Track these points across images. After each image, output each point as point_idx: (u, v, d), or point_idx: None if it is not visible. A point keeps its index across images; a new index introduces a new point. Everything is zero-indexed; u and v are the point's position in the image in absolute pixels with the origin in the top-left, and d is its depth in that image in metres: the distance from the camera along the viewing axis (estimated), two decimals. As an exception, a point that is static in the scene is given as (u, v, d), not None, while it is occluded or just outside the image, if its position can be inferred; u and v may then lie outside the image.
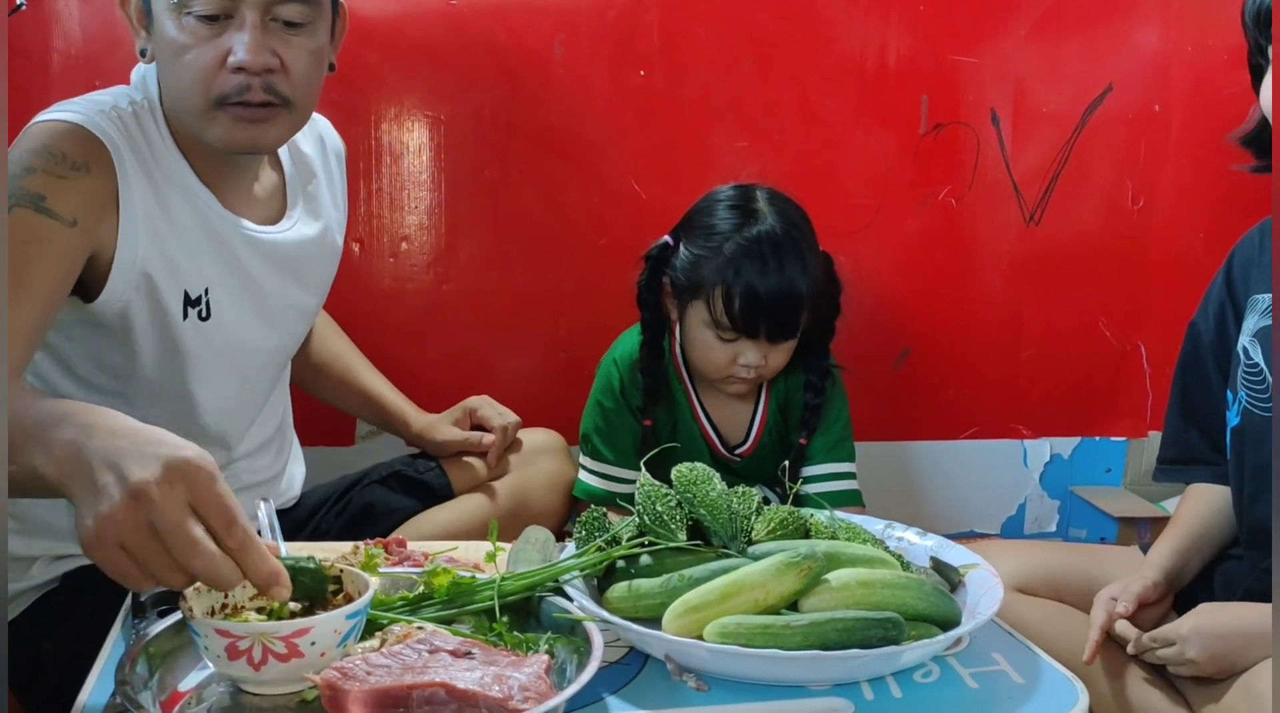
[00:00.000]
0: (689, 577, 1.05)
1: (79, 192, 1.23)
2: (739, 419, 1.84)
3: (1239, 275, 1.54)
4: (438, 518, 1.69)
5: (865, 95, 2.07)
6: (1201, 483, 1.59)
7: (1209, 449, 1.58)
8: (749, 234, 1.67)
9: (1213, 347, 1.56)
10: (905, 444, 2.21)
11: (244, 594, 1.00)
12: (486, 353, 2.07)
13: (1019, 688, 1.02)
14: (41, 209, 1.19)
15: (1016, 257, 2.16)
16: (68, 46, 1.83)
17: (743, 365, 1.70)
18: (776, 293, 1.65)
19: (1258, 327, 1.47)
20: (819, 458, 1.82)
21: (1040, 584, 1.56)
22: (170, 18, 1.27)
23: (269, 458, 1.60)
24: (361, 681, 0.86)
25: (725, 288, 1.66)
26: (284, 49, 1.29)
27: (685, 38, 2.01)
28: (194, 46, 1.27)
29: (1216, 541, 1.55)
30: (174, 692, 0.96)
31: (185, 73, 1.28)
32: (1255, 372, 1.46)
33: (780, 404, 1.83)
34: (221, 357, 1.42)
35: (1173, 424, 1.64)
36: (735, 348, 1.70)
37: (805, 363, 1.80)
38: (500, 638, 1.00)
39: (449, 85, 1.96)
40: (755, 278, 1.65)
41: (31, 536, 1.41)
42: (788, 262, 1.66)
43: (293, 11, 1.29)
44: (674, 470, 1.16)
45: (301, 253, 1.51)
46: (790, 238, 1.67)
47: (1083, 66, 2.11)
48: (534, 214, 2.02)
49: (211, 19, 1.26)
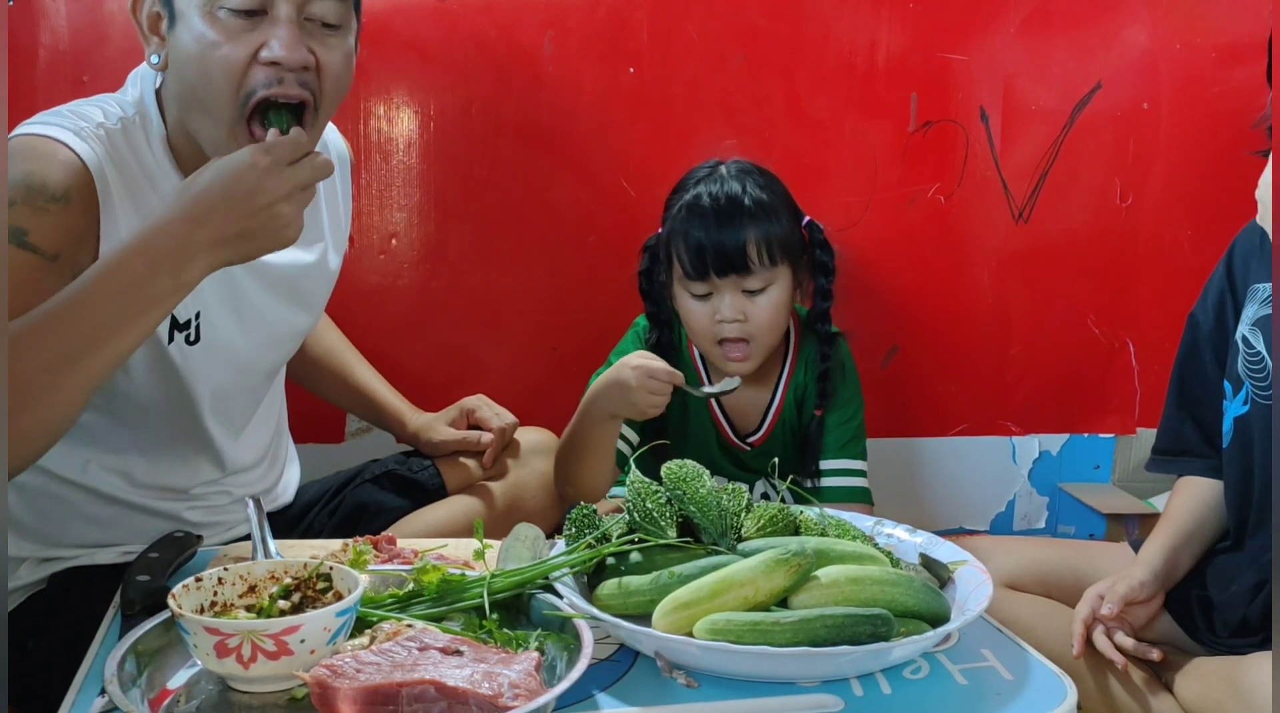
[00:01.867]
0: (679, 574, 1.05)
1: (59, 225, 1.21)
2: (755, 408, 1.84)
3: (1239, 265, 1.55)
4: (430, 517, 1.67)
5: (854, 92, 2.07)
6: (1193, 475, 1.59)
7: (1202, 441, 1.59)
8: (697, 190, 1.71)
9: (1210, 338, 1.57)
10: (894, 441, 2.21)
11: (233, 592, 1.00)
12: (476, 350, 2.07)
13: (1008, 684, 1.02)
14: (24, 245, 1.18)
15: (1005, 254, 2.17)
16: (55, 43, 1.82)
17: (720, 321, 1.70)
18: (720, 216, 1.67)
19: (1258, 315, 1.48)
20: (833, 453, 1.81)
21: (1029, 581, 1.57)
22: (200, 14, 1.23)
23: (262, 471, 1.59)
24: (351, 678, 0.86)
25: (682, 234, 1.69)
26: (319, 48, 1.27)
27: (674, 35, 2.00)
28: (225, 42, 1.23)
29: (1208, 537, 1.56)
30: (162, 690, 0.96)
31: (214, 68, 1.24)
32: (1258, 360, 1.46)
33: (797, 397, 1.83)
34: (211, 378, 1.41)
35: (1169, 415, 1.64)
36: (711, 305, 1.71)
37: (813, 331, 1.81)
38: (490, 635, 1.00)
39: (438, 82, 1.96)
40: (701, 212, 1.69)
41: (19, 537, 1.40)
42: (734, 194, 1.69)
43: (327, 10, 1.27)
44: (664, 468, 1.16)
45: (299, 275, 1.50)
46: (742, 183, 1.71)
47: (1071, 64, 2.11)
48: (523, 211, 2.02)
49: (247, 13, 1.23)
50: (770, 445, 1.84)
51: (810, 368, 1.82)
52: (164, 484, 1.45)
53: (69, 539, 1.42)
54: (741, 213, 1.68)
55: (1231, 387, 1.50)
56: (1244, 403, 1.48)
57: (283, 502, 1.66)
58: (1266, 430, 1.45)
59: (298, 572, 1.02)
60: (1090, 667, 1.46)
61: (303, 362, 1.76)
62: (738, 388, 1.69)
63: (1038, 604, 1.54)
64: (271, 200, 1.15)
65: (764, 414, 1.83)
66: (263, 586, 1.01)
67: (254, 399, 1.54)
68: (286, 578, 1.01)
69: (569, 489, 1.74)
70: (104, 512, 1.42)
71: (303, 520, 1.68)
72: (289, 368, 1.69)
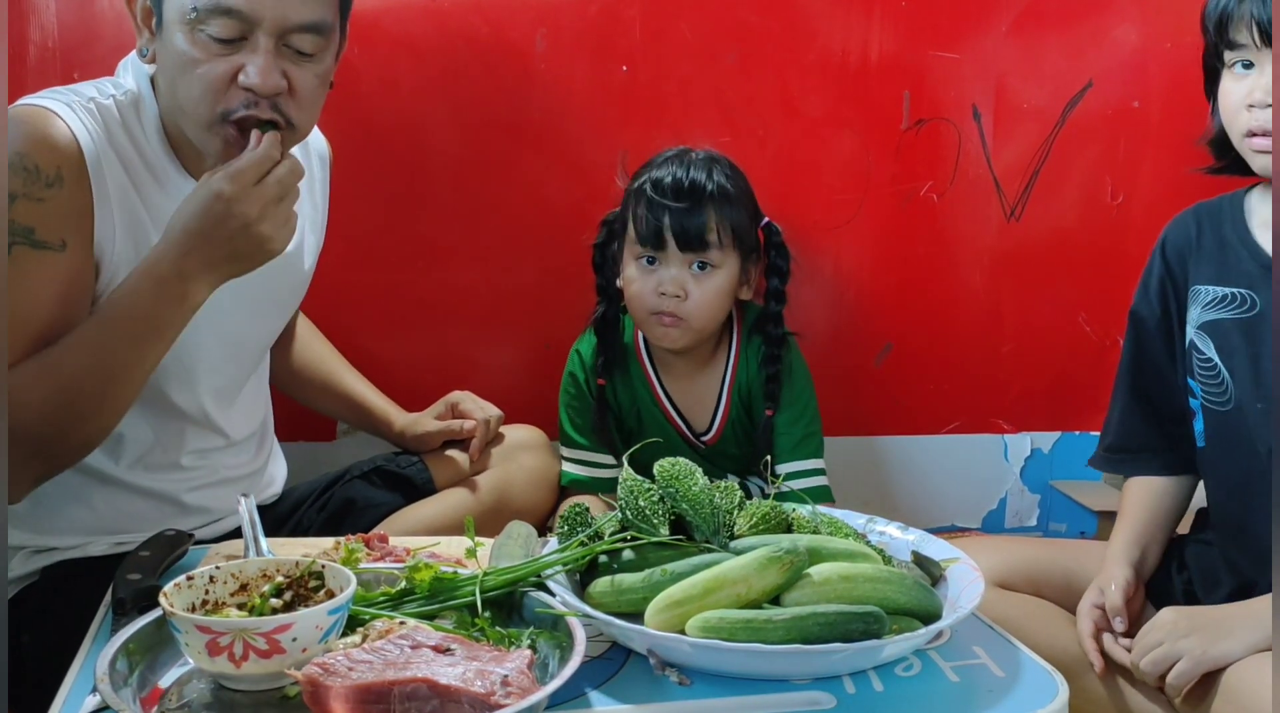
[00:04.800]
0: (671, 571, 1.05)
1: (58, 211, 1.27)
2: (704, 406, 1.86)
3: (1175, 258, 1.55)
4: (420, 513, 1.68)
5: (847, 91, 2.07)
6: (1148, 475, 1.60)
7: (1159, 437, 1.59)
8: (664, 167, 1.75)
9: (1159, 330, 1.57)
10: (887, 439, 2.21)
11: (224, 590, 1.00)
12: (467, 348, 2.06)
13: (1000, 681, 1.02)
14: (35, 243, 1.25)
15: (997, 252, 2.17)
16: (44, 38, 1.81)
17: (661, 294, 1.73)
18: (683, 189, 1.71)
19: (1202, 319, 1.48)
20: (786, 456, 1.82)
21: (1020, 579, 1.57)
22: (183, 31, 1.28)
23: (249, 454, 1.61)
24: (343, 676, 0.86)
25: (644, 200, 1.73)
26: (294, 72, 1.31)
27: (667, 32, 2.00)
28: (204, 62, 1.28)
29: (1169, 526, 1.58)
30: (154, 688, 0.96)
31: (194, 85, 1.29)
32: (1209, 367, 1.47)
33: (743, 394, 1.84)
34: (201, 344, 1.43)
35: (1120, 415, 1.64)
36: (656, 275, 1.74)
37: (762, 332, 1.82)
38: (483, 633, 1.00)
39: (430, 79, 1.95)
40: (665, 185, 1.72)
41: (13, 525, 1.41)
42: (695, 169, 1.74)
43: (305, 42, 1.31)
44: (656, 465, 1.16)
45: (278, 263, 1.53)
46: (709, 167, 1.75)
47: (1063, 63, 2.12)
48: (515, 209, 2.02)
49: (225, 40, 1.28)
50: (724, 445, 1.86)
51: (754, 367, 1.83)
52: (154, 460, 1.46)
53: (61, 525, 1.43)
54: (703, 191, 1.72)
55: (1198, 387, 1.50)
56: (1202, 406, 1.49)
57: (271, 493, 1.67)
58: (1218, 439, 1.46)
59: (290, 570, 1.02)
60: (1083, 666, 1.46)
61: (290, 371, 1.78)
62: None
63: (1028, 604, 1.54)
64: (245, 223, 1.24)
65: (713, 412, 1.84)
66: (254, 584, 1.01)
67: (243, 372, 1.56)
68: (278, 576, 1.01)
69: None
70: (96, 493, 1.44)
71: (292, 517, 1.69)
72: (277, 378, 1.71)
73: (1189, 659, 1.30)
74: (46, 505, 1.42)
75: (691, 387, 1.85)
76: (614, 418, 1.88)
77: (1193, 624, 1.33)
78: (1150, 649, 1.34)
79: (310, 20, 1.30)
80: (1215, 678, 1.30)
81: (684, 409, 1.86)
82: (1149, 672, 1.34)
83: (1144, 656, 1.35)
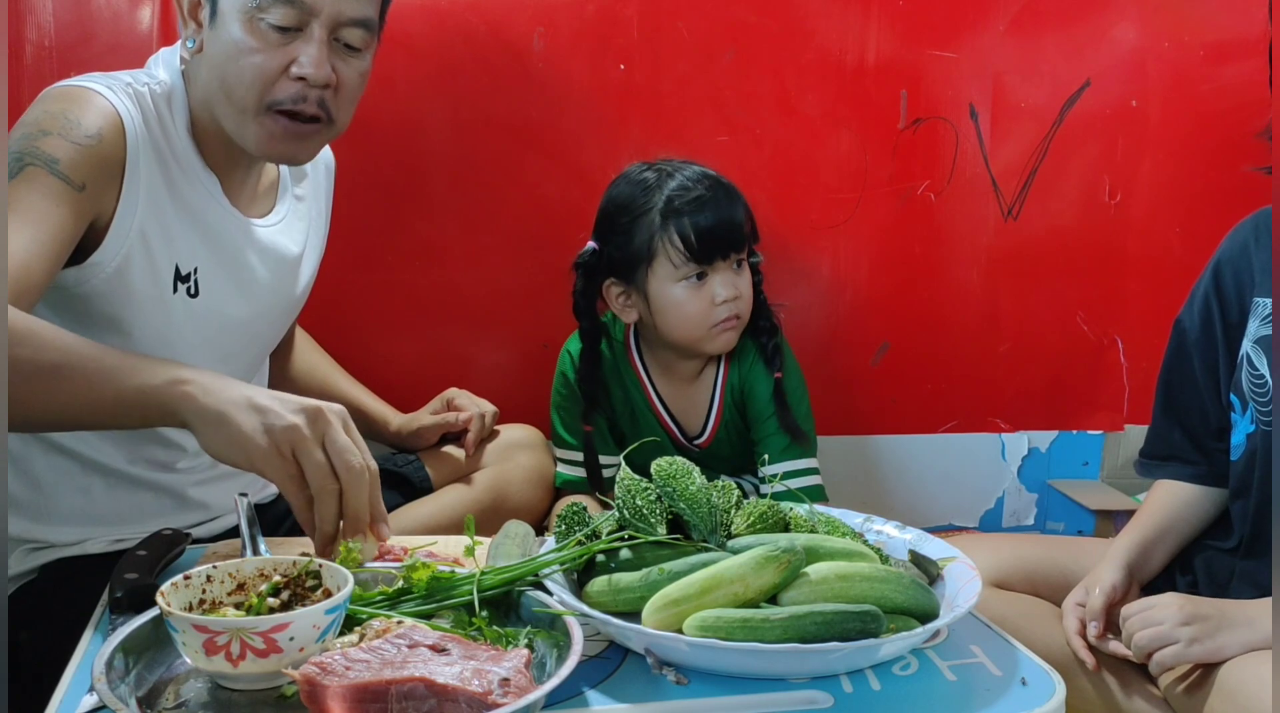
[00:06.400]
0: (669, 570, 1.05)
1: (89, 160, 1.28)
2: (697, 410, 1.86)
3: (1228, 273, 1.52)
4: (417, 512, 1.69)
5: (844, 90, 2.07)
6: (1179, 481, 1.59)
7: (1190, 448, 1.58)
8: (672, 185, 1.73)
9: (1198, 345, 1.55)
10: (884, 438, 2.21)
11: (222, 590, 1.00)
12: (464, 348, 2.06)
13: (997, 680, 1.02)
14: (55, 172, 1.25)
15: (995, 251, 2.17)
16: (40, 38, 1.81)
17: (721, 303, 1.72)
18: (717, 203, 1.71)
19: (1259, 333, 1.46)
20: (778, 456, 1.80)
21: (1017, 578, 1.57)
22: (240, 21, 1.32)
23: None
24: (340, 676, 0.86)
25: (677, 228, 1.70)
26: (340, 67, 1.37)
27: (665, 32, 2.00)
28: (261, 51, 1.32)
29: (1184, 534, 1.56)
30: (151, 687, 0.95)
31: (246, 73, 1.33)
32: (1260, 381, 1.45)
33: (735, 397, 1.84)
34: (209, 338, 1.45)
35: (1156, 420, 1.64)
36: (708, 288, 1.72)
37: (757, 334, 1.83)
38: (480, 632, 1.00)
39: (427, 78, 1.95)
40: (696, 203, 1.70)
41: (13, 514, 1.42)
42: (714, 184, 1.73)
43: (355, 36, 1.37)
44: (654, 465, 1.16)
45: (285, 244, 1.56)
46: (707, 174, 1.75)
47: (1061, 62, 2.12)
48: (512, 208, 2.02)
49: (283, 29, 1.32)
50: (717, 447, 1.86)
51: (744, 367, 1.83)
52: (156, 455, 1.46)
53: (60, 515, 1.43)
54: (728, 190, 1.73)
55: (1240, 402, 1.49)
56: (1251, 422, 1.47)
57: (269, 492, 1.67)
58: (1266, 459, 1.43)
59: (287, 569, 1.02)
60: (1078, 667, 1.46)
61: (287, 380, 1.80)
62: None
63: (1025, 603, 1.54)
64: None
65: (706, 416, 1.84)
66: (251, 583, 1.01)
67: (249, 370, 1.57)
68: (275, 576, 1.01)
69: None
70: (95, 483, 1.44)
71: (289, 517, 1.68)
72: (275, 386, 1.72)
73: (1182, 645, 1.32)
74: (46, 491, 1.42)
75: (685, 390, 1.85)
76: (607, 421, 1.87)
77: (1195, 613, 1.33)
78: (1147, 627, 1.35)
79: (362, 15, 1.36)
80: (1211, 675, 1.30)
81: (677, 413, 1.86)
82: (1140, 647, 1.35)
83: (1140, 630, 1.35)
